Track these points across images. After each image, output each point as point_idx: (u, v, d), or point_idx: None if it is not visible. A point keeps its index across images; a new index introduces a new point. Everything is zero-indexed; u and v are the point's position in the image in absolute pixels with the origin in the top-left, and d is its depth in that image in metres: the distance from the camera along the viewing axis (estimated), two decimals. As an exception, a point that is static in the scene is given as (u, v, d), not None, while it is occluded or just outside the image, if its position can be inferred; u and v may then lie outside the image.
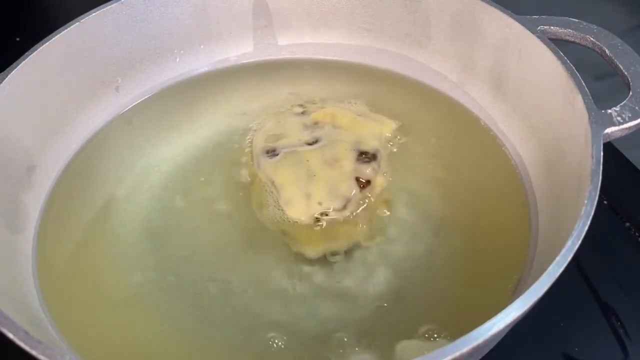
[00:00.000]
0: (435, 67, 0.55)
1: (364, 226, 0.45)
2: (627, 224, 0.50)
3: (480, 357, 0.36)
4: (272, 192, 0.47)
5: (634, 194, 0.51)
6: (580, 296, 0.46)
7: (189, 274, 0.43)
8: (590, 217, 0.33)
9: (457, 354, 0.28)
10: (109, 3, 0.51)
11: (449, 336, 0.37)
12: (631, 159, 0.53)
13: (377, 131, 0.50)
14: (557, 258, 0.32)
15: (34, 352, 0.30)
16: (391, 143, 0.50)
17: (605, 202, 0.51)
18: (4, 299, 0.36)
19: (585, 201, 0.34)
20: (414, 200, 0.47)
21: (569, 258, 0.32)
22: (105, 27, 0.51)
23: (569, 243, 0.32)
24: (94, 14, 0.50)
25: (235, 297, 0.42)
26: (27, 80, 0.46)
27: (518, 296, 0.33)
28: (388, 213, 0.46)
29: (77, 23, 0.49)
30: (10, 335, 0.31)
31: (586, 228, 0.33)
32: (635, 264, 0.48)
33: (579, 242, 0.32)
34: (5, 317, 0.32)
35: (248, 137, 0.52)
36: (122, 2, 0.51)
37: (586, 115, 0.39)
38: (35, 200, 0.47)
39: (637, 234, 0.49)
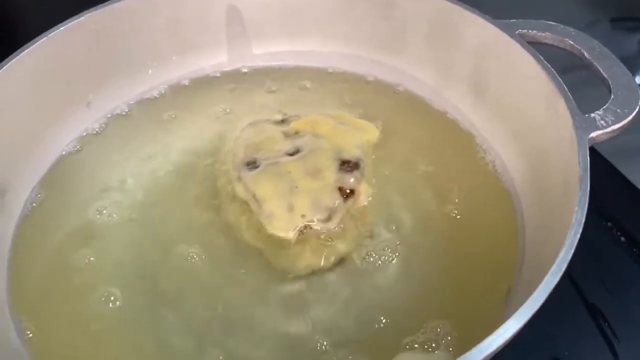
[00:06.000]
0: (414, 72, 0.54)
1: (350, 237, 0.44)
2: (609, 224, 0.50)
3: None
4: (253, 206, 0.45)
5: (616, 196, 0.52)
6: (567, 299, 0.46)
7: (168, 293, 0.42)
8: (582, 225, 0.33)
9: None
10: (76, 17, 0.49)
11: (447, 346, 0.37)
12: (612, 161, 0.54)
13: (359, 139, 0.49)
14: (552, 268, 0.31)
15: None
16: (373, 150, 0.49)
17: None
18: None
19: (576, 208, 0.34)
20: (399, 208, 0.46)
21: (564, 268, 0.32)
22: (73, 41, 0.49)
23: (562, 253, 0.32)
24: (61, 29, 0.48)
25: (217, 317, 0.40)
26: (-8, 100, 0.45)
27: (512, 307, 0.33)
28: (373, 223, 0.45)
29: (45, 38, 0.48)
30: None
31: (578, 236, 0.33)
32: (619, 265, 0.48)
33: (572, 250, 0.32)
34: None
35: (226, 148, 0.51)
36: (90, 15, 0.50)
37: (570, 120, 0.39)
38: (6, 225, 0.45)
39: (619, 233, 0.50)
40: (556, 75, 0.42)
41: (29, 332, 0.40)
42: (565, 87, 0.41)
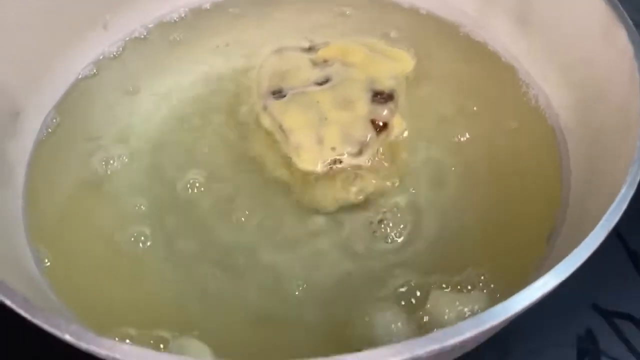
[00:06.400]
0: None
1: (382, 173, 0.42)
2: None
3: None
4: (279, 137, 0.43)
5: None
6: (609, 246, 0.43)
7: (188, 227, 0.40)
8: (644, 163, 0.31)
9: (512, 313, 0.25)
10: None
11: (483, 289, 0.35)
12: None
13: (393, 69, 0.46)
14: (612, 206, 0.29)
15: (35, 321, 0.26)
16: (408, 82, 0.46)
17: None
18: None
19: (638, 143, 0.31)
20: (435, 144, 0.44)
21: (624, 206, 0.29)
22: (89, -45, 0.46)
23: (623, 191, 0.30)
24: (76, -60, 0.45)
25: (241, 253, 0.39)
26: (5, 19, 0.42)
27: (555, 249, 0.31)
28: (408, 158, 0.43)
29: (58, -49, 0.44)
30: (8, 302, 0.27)
31: (640, 175, 0.30)
32: (665, 211, 0.45)
33: (634, 189, 0.30)
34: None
35: (250, 75, 0.48)
36: None
37: (631, 51, 0.36)
38: (21, 150, 0.43)
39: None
40: (616, 0, 0.38)
41: (46, 261, 0.38)
42: (626, 14, 0.38)
